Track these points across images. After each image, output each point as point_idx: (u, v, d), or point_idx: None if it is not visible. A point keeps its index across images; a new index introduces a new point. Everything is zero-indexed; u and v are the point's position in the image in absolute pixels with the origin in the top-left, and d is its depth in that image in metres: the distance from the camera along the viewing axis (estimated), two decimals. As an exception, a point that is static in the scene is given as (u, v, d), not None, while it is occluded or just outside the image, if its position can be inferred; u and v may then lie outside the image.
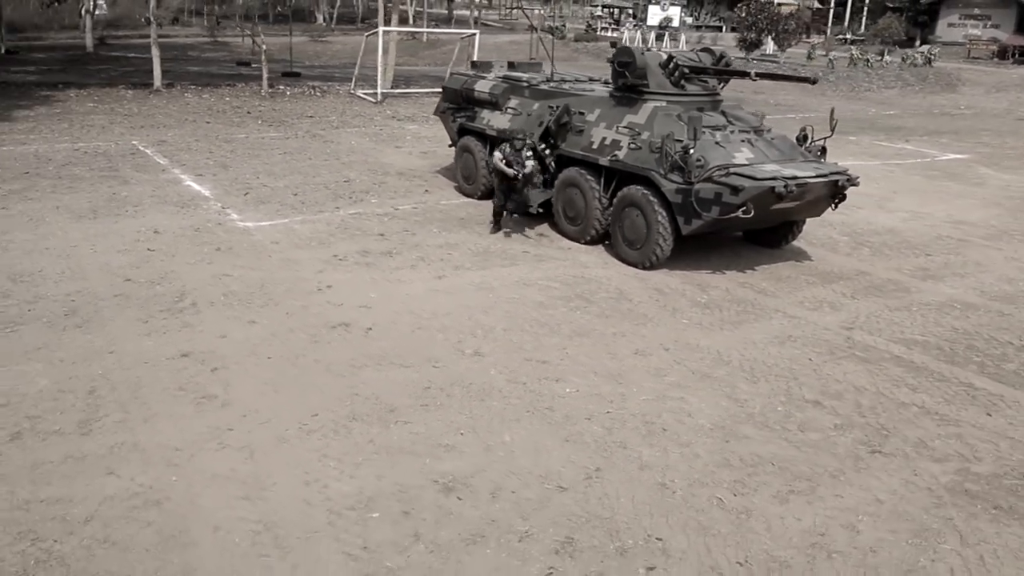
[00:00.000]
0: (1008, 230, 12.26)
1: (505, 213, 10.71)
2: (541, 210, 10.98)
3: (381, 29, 23.18)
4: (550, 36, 53.16)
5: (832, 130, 10.02)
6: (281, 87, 24.58)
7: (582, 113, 10.55)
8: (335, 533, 4.56)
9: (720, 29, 63.92)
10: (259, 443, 5.43)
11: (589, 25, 50.70)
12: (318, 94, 24.02)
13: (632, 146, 9.64)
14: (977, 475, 5.47)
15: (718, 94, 10.43)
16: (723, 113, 10.06)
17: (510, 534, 4.63)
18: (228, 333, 7.21)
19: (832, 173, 9.26)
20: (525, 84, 11.75)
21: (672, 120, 9.47)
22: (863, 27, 57.14)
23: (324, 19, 55.55)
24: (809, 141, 10.15)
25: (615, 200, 9.86)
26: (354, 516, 4.72)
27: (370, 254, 9.65)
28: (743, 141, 9.50)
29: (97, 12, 50.08)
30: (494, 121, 11.93)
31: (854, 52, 39.72)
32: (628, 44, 39.91)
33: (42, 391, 5.98)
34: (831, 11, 61.54)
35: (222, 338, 7.11)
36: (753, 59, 40.56)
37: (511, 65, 13.63)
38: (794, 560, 4.51)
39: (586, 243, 10.36)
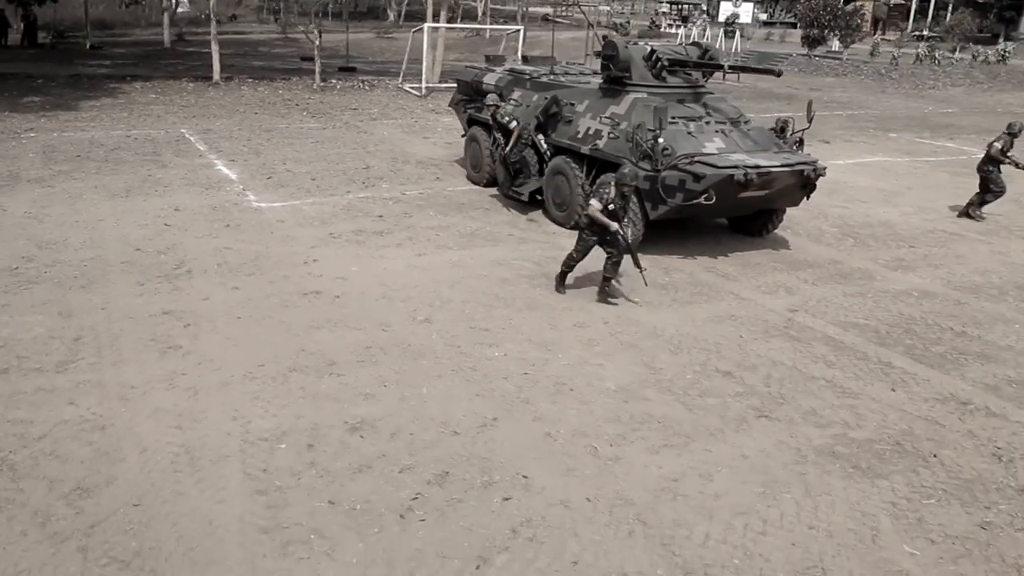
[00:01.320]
0: (1011, 226, 12.20)
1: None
2: (540, 197, 11.51)
3: (427, 25, 24.03)
4: (614, 32, 53.42)
5: (809, 122, 10.29)
6: (334, 81, 25.72)
7: (572, 104, 11.06)
8: (243, 458, 5.28)
9: (795, 25, 62.62)
10: (204, 386, 6.20)
11: (652, 22, 50.64)
12: (367, 88, 25.05)
13: (611, 135, 10.12)
14: (852, 440, 5.82)
15: (701, 86, 10.79)
16: (704, 104, 10.43)
17: (394, 466, 5.26)
18: (211, 296, 8.05)
19: (799, 163, 9.54)
20: (527, 77, 12.33)
21: (649, 111, 9.90)
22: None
23: (394, 16, 56.99)
24: (788, 132, 10.42)
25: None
26: (264, 446, 5.43)
27: (363, 233, 10.40)
28: (717, 132, 9.87)
29: (180, 10, 52.86)
30: (503, 112, 12.52)
31: (921, 49, 38.64)
32: (690, 39, 39.78)
33: (36, 337, 6.91)
34: (912, 6, 59.69)
35: (204, 300, 7.95)
36: (816, 56, 39.99)
37: (525, 59, 14.22)
38: (639, 499, 5.00)
39: (571, 228, 10.81)
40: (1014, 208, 13.34)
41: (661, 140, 9.29)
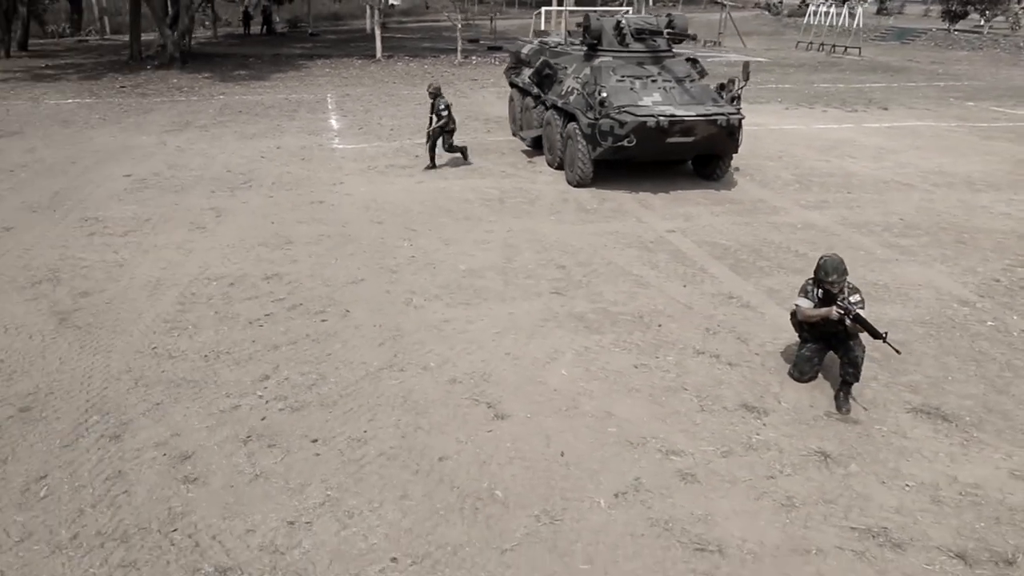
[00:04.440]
0: (975, 180, 11.61)
1: None
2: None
3: (543, 9, 25.03)
4: (767, 12, 50.54)
5: (745, 80, 10.59)
6: (474, 58, 27.48)
7: (565, 68, 12.01)
8: (186, 287, 7.22)
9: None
10: (199, 249, 8.25)
11: (803, 1, 47.47)
12: (496, 63, 26.54)
13: (578, 92, 11.03)
14: (605, 311, 6.75)
15: (665, 50, 11.32)
16: (662, 66, 11.02)
17: (272, 297, 6.98)
18: (249, 201, 10.15)
19: (714, 114, 9.98)
20: (547, 48, 13.34)
21: (608, 72, 10.71)
22: None
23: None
24: (733, 90, 10.75)
25: (564, 133, 11.34)
26: (204, 282, 7.34)
27: (393, 167, 12.11)
28: (659, 88, 10.50)
29: (392, 2, 56.80)
30: (525, 77, 13.66)
31: (1068, 21, 33.79)
32: (853, 17, 37.16)
33: (125, 217, 9.31)
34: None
35: (243, 203, 10.05)
36: (956, 30, 36.19)
37: (569, 33, 15.09)
38: (408, 329, 6.35)
39: (556, 168, 11.92)
40: (1001, 167, 12.54)
41: (604, 94, 10.13)
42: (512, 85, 14.51)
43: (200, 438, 4.80)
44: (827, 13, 32.51)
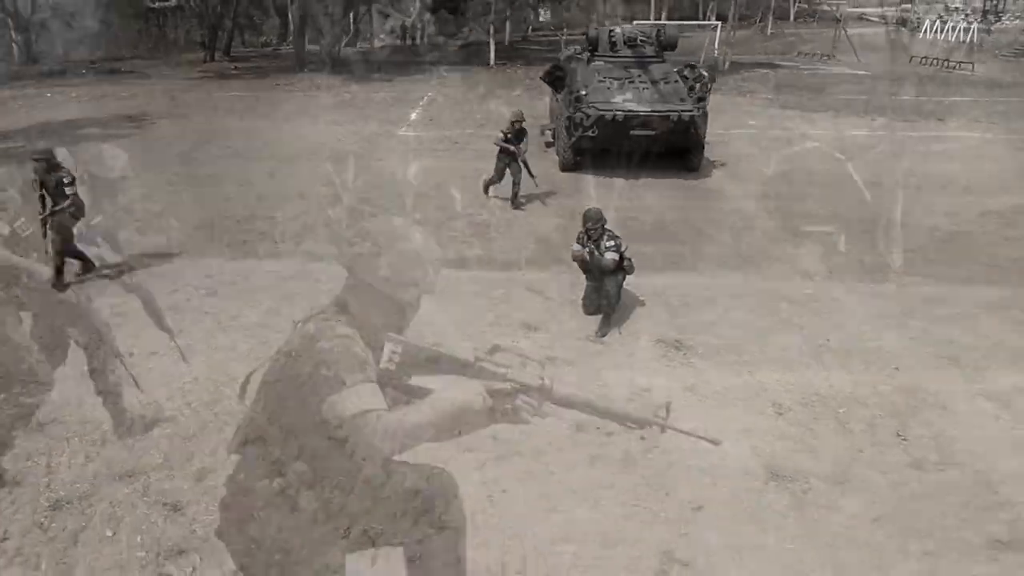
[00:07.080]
0: (954, 184, 11.18)
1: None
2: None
3: (648, 21, 25.47)
4: (902, 28, 47.11)
5: (711, 82, 11.02)
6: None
7: (576, 70, 12.91)
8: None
9: None
10: (236, 195, 10.22)
11: (940, 16, 43.39)
12: (594, 71, 27.35)
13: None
14: (486, 256, 7.82)
15: (651, 56, 11.93)
16: (645, 69, 11.67)
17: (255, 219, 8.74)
18: (299, 168, 12.08)
19: (668, 110, 10.56)
20: (576, 55, 14.25)
21: (592, 73, 11.57)
22: None
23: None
24: (703, 89, 11.19)
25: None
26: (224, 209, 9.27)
27: (431, 149, 13.64)
28: (634, 88, 11.21)
29: (541, 19, 58.57)
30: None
31: None
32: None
33: (203, 173, 11.55)
34: None
35: (293, 168, 11.99)
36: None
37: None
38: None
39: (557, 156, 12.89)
40: None
41: (582, 91, 11.03)
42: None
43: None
44: (942, 28, 30.01)
